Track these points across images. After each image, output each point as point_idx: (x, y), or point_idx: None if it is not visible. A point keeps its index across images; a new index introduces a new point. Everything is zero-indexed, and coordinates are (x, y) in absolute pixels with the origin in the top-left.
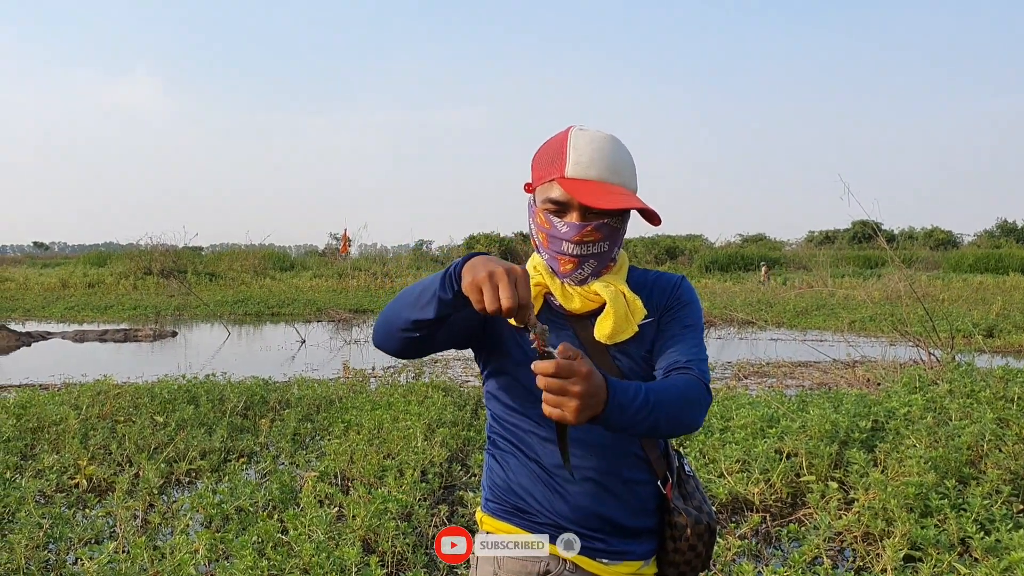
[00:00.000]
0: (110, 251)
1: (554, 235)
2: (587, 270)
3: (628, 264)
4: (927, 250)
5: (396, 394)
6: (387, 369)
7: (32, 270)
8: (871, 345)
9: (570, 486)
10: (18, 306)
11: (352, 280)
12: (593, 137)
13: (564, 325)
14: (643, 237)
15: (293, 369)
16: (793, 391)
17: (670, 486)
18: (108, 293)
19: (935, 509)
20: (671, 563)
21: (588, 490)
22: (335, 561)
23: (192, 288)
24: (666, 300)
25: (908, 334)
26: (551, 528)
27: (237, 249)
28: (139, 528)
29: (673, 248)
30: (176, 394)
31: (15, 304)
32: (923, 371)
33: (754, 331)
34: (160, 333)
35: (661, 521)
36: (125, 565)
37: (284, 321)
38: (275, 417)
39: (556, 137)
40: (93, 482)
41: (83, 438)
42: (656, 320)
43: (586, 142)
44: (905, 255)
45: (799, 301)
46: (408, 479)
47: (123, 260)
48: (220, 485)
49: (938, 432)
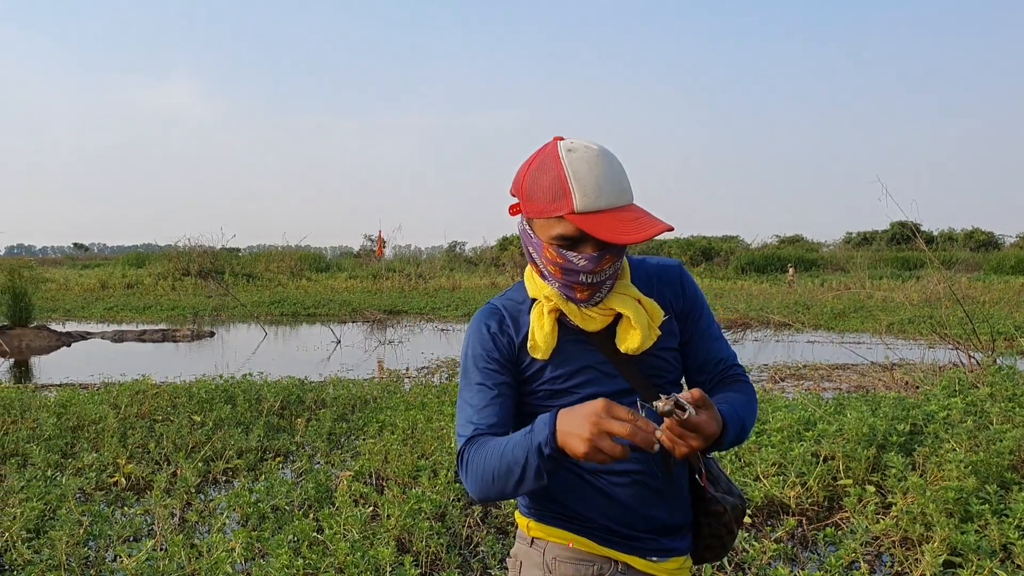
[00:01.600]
0: (149, 252)
1: (569, 268)
2: (604, 292)
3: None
4: (967, 251)
5: (430, 394)
6: (421, 370)
7: (72, 271)
8: (909, 348)
9: (618, 489)
10: (59, 307)
11: (386, 281)
12: (589, 159)
13: (586, 342)
14: (679, 239)
15: (328, 369)
16: (830, 394)
17: (705, 477)
18: (147, 294)
19: (976, 514)
20: (708, 547)
21: (636, 492)
22: (370, 560)
23: (229, 289)
24: (679, 299)
25: (947, 336)
26: (603, 532)
27: (274, 250)
28: (177, 526)
29: (709, 249)
30: (213, 394)
31: (56, 305)
32: (963, 374)
33: (791, 333)
34: (198, 333)
35: (696, 512)
36: (163, 563)
37: (320, 322)
38: (311, 417)
39: (547, 163)
40: (132, 480)
41: (122, 437)
42: (673, 316)
43: (586, 168)
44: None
45: (836, 303)
46: (442, 479)
47: (161, 261)
48: (256, 484)
49: (979, 436)
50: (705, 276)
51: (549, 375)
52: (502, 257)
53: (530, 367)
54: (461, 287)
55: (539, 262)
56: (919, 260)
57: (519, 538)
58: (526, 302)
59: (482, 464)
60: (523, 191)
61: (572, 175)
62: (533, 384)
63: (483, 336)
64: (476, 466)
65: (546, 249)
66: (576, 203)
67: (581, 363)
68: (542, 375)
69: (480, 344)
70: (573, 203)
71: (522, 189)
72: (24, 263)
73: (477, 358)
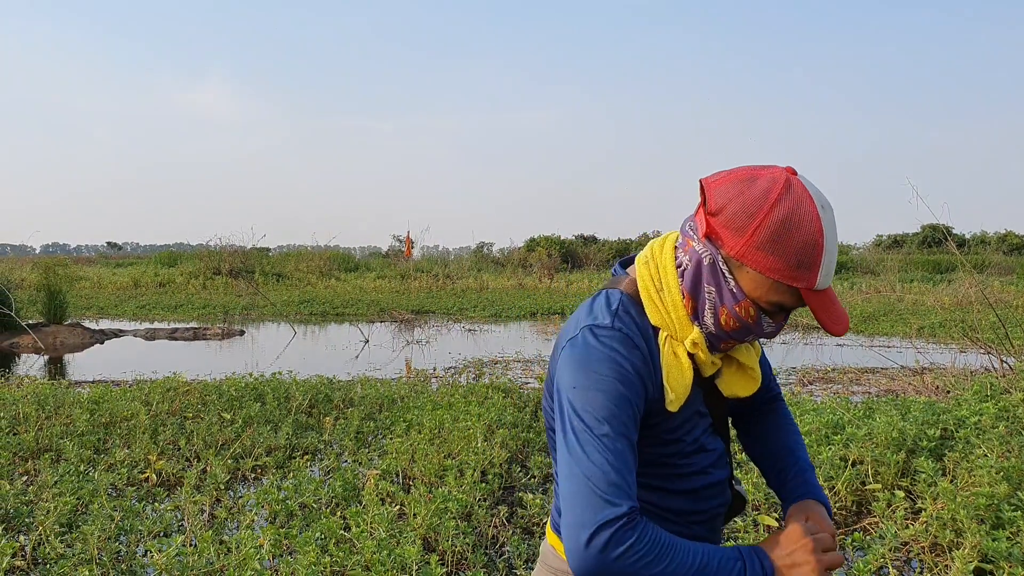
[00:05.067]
0: (180, 251)
1: (752, 330)
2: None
3: None
4: (1000, 255)
5: (457, 395)
6: (448, 370)
7: (106, 270)
8: (940, 352)
9: (697, 527)
10: (92, 304)
11: (414, 281)
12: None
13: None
14: None
15: (357, 368)
16: (859, 398)
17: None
18: (178, 292)
19: (1007, 521)
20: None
21: (711, 527)
22: (396, 559)
23: (259, 288)
24: None
25: (979, 341)
26: None
27: (303, 250)
28: (206, 522)
29: None
30: (243, 392)
31: (89, 303)
32: (995, 379)
33: (819, 336)
34: (228, 332)
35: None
36: (192, 558)
37: (348, 321)
38: (339, 415)
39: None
40: (162, 476)
41: (153, 433)
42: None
43: (834, 236)
44: (976, 260)
45: (866, 306)
46: (468, 479)
47: (193, 260)
48: (285, 482)
49: (1011, 442)
50: None
51: (670, 423)
52: (529, 258)
53: (657, 413)
54: (488, 288)
55: (715, 307)
56: (950, 263)
57: (551, 562)
58: (648, 330)
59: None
60: (758, 235)
61: (827, 244)
62: (649, 430)
63: (624, 373)
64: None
65: (746, 306)
66: (819, 279)
67: (691, 408)
68: (664, 422)
69: (621, 382)
70: (817, 279)
71: (757, 232)
72: (59, 261)
73: (619, 401)
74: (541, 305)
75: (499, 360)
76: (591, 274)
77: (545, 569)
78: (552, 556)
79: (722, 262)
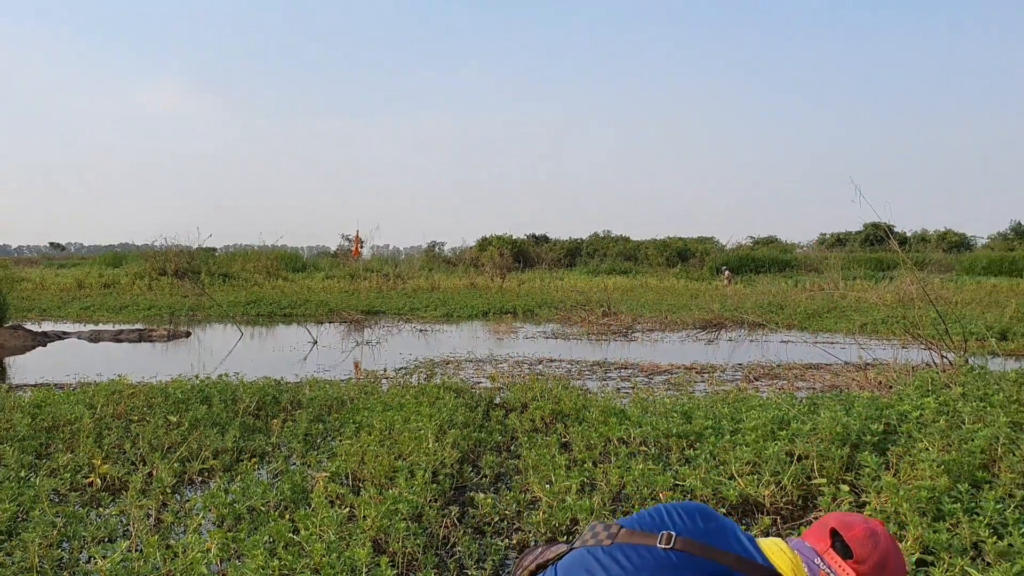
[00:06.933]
0: (125, 252)
1: None
2: None
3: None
4: (940, 252)
5: (407, 395)
6: (399, 371)
7: (48, 270)
8: (883, 348)
9: None
10: (34, 306)
11: (364, 281)
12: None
13: None
14: (655, 239)
15: (305, 370)
16: (804, 393)
17: None
18: (123, 293)
19: (948, 513)
20: None
21: None
22: (346, 561)
23: (206, 289)
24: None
25: (920, 337)
26: None
27: (250, 250)
28: (152, 527)
29: (684, 250)
30: (190, 394)
31: (32, 304)
32: (936, 374)
33: (765, 333)
34: (174, 333)
35: None
36: (138, 564)
37: (296, 322)
38: (287, 417)
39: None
40: (107, 481)
41: (97, 437)
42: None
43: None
44: (917, 257)
45: (810, 303)
46: (419, 480)
47: (138, 261)
48: (232, 485)
49: (951, 435)
50: (681, 277)
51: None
52: (481, 258)
53: None
54: (440, 287)
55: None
56: (892, 261)
57: None
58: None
59: None
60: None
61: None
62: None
63: None
64: None
65: None
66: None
67: None
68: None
69: None
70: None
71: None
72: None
73: None
74: (493, 305)
75: (451, 360)
76: (543, 273)
77: None
78: None
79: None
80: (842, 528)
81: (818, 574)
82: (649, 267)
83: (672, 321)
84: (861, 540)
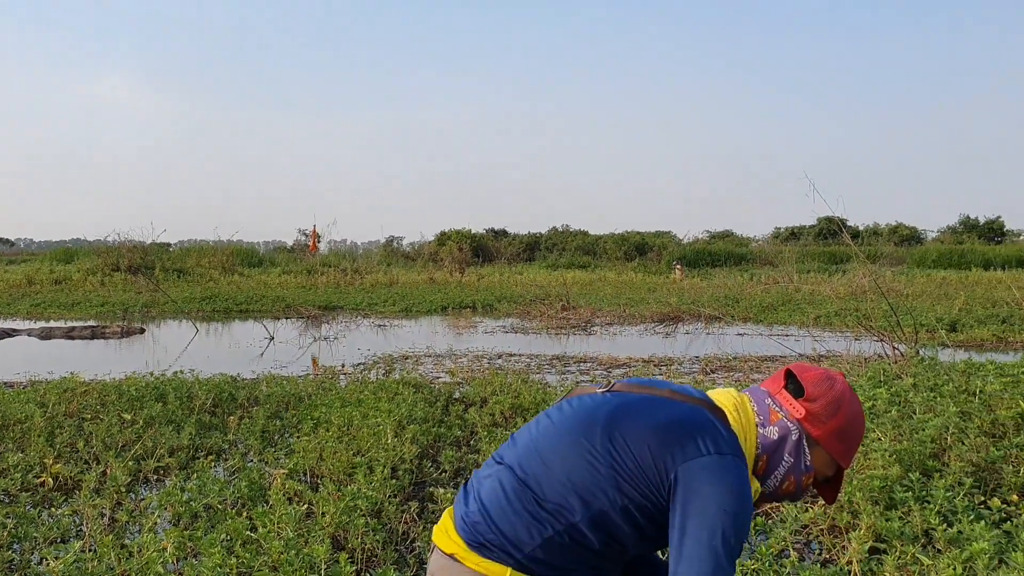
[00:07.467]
0: (77, 248)
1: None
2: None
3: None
4: (892, 246)
5: (366, 391)
6: (357, 366)
7: None
8: (836, 340)
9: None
10: None
11: (321, 277)
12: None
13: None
14: (613, 234)
15: (262, 366)
16: None
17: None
18: (75, 290)
19: (899, 502)
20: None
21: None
22: (304, 558)
23: (160, 285)
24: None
25: (873, 329)
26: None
27: (205, 245)
28: (106, 527)
29: (642, 244)
30: (144, 391)
31: None
32: (888, 365)
33: (721, 326)
34: (128, 330)
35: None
36: (92, 564)
37: (253, 318)
38: (244, 414)
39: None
40: (59, 481)
41: (49, 436)
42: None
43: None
44: (870, 251)
45: (765, 296)
46: (378, 476)
47: (90, 257)
48: (188, 483)
49: (903, 426)
50: (639, 271)
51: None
52: (440, 252)
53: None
54: (399, 282)
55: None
56: (845, 254)
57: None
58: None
59: None
60: (837, 425)
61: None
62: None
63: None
64: None
65: (808, 478)
66: (851, 462)
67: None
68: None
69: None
70: (851, 461)
71: (837, 422)
72: None
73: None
74: (452, 299)
75: (410, 355)
76: (502, 267)
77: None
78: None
79: (804, 440)
80: (798, 369)
81: (768, 411)
82: (608, 261)
83: (630, 315)
84: (815, 380)
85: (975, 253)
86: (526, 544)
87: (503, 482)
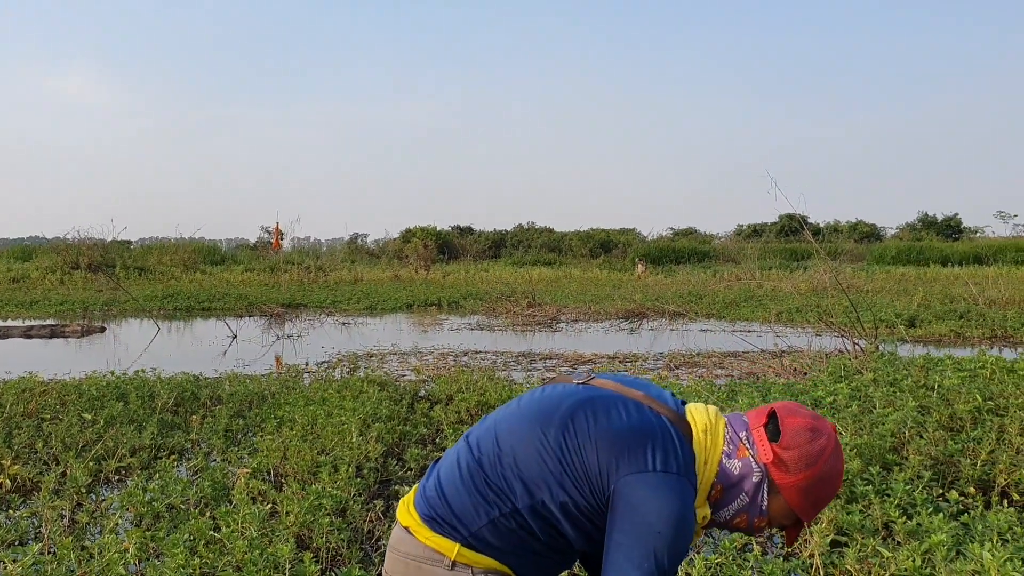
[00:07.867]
0: (35, 245)
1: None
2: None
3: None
4: (852, 243)
5: (330, 389)
6: (321, 364)
7: None
8: (798, 335)
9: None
10: None
11: (285, 274)
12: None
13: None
14: (578, 231)
15: (224, 365)
16: (723, 381)
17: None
18: (34, 288)
19: (860, 495)
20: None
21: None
22: (268, 558)
23: (121, 283)
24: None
25: (833, 325)
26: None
27: (167, 243)
28: (66, 528)
29: (607, 242)
30: (105, 391)
31: None
32: (848, 360)
33: (685, 322)
34: (88, 329)
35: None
36: (51, 567)
37: (215, 316)
38: (206, 414)
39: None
40: (17, 482)
41: (7, 437)
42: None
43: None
44: (830, 248)
45: (728, 293)
46: (343, 475)
47: (49, 254)
48: (151, 483)
49: (863, 420)
50: (604, 268)
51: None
52: (405, 249)
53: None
54: (363, 280)
55: (738, 510)
56: (806, 251)
57: (430, 560)
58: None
59: None
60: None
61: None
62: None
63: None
64: None
65: (762, 521)
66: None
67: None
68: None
69: (690, 531)
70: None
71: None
72: None
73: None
74: (418, 297)
75: (375, 353)
76: (468, 265)
77: (425, 562)
78: (432, 552)
79: (766, 484)
80: (783, 412)
81: (738, 445)
82: (573, 258)
83: (595, 311)
84: (795, 429)
85: (933, 250)
86: (473, 523)
87: (460, 460)
